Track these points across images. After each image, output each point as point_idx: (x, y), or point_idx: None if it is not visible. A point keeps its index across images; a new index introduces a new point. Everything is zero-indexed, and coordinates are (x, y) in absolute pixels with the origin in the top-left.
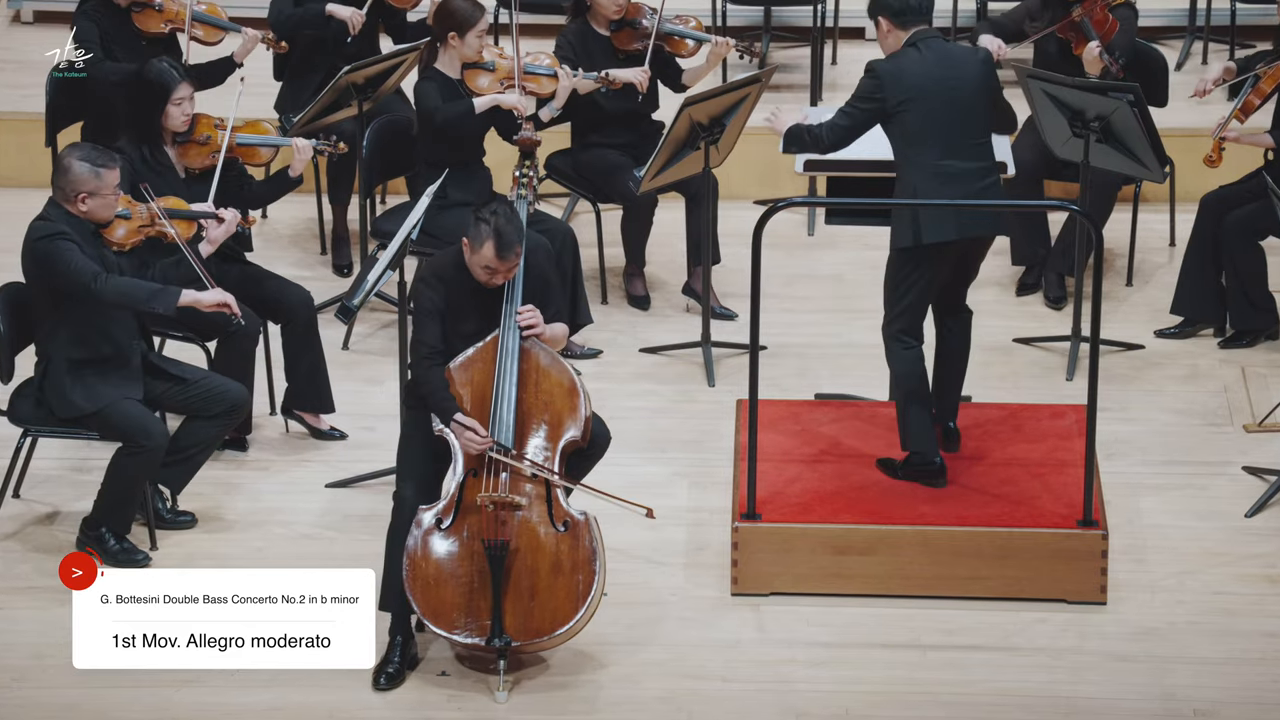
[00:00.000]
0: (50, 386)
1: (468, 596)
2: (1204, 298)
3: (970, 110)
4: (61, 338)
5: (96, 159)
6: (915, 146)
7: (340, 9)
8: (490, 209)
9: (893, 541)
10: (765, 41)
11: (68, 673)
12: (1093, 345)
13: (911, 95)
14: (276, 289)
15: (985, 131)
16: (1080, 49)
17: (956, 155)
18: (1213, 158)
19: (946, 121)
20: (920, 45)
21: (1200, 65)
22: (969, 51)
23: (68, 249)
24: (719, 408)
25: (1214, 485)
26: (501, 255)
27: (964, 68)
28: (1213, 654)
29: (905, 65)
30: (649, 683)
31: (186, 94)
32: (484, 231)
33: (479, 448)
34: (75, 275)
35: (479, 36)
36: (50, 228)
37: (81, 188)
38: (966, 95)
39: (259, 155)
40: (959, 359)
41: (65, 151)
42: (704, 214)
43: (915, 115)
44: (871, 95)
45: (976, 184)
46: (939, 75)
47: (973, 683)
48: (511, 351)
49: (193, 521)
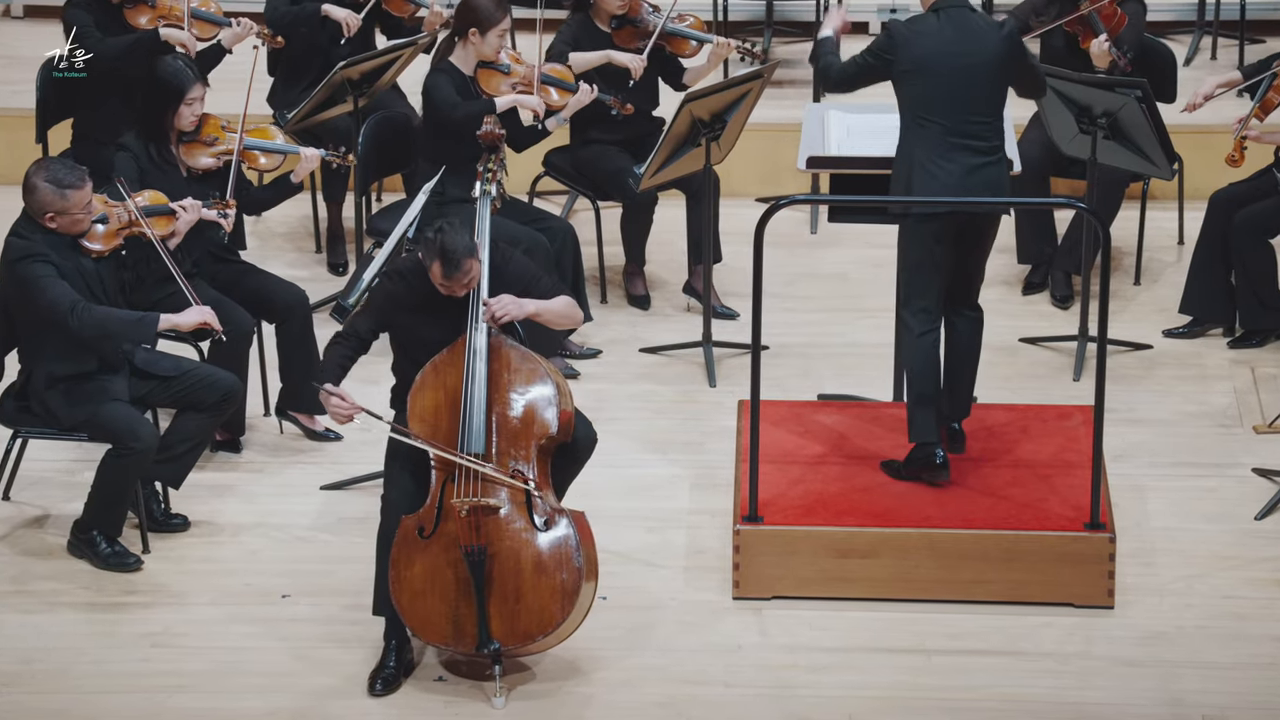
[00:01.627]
0: (34, 397)
1: (453, 605)
2: (1213, 297)
3: (981, 86)
4: (45, 354)
5: (63, 179)
6: (918, 116)
7: (335, 10)
8: (437, 225)
9: (897, 544)
10: (767, 36)
11: (58, 678)
12: (1100, 345)
13: (919, 64)
14: (270, 288)
15: (995, 109)
16: (1088, 43)
17: (961, 130)
18: (1235, 157)
19: (954, 95)
20: (943, 13)
21: (1209, 60)
22: (991, 25)
23: (45, 278)
24: (720, 408)
25: (1223, 487)
26: (448, 274)
27: (982, 41)
28: (1222, 659)
29: (921, 30)
30: (648, 688)
31: (199, 94)
32: (430, 250)
33: (340, 416)
34: (53, 308)
35: (500, 36)
36: (27, 248)
37: (48, 208)
38: (980, 70)
39: (268, 160)
40: (968, 358)
41: (32, 169)
42: (705, 212)
43: (921, 84)
44: (880, 52)
45: (977, 160)
46: (953, 47)
47: (978, 688)
48: (480, 352)
49: (185, 524)
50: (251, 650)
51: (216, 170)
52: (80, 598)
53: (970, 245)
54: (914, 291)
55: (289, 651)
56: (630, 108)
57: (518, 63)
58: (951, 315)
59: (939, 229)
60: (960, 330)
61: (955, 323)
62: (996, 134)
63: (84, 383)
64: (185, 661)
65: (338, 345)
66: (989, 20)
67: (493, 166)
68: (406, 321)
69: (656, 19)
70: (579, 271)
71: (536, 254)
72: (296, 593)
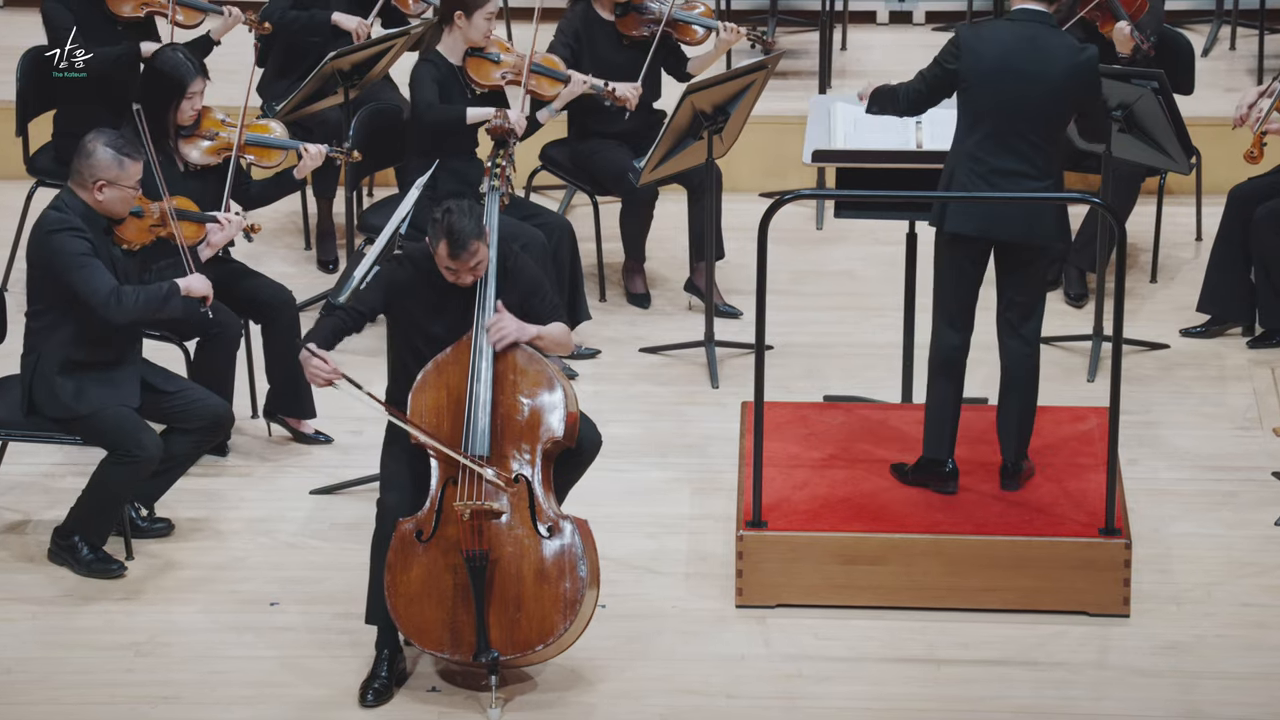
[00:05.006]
0: (40, 383)
1: (451, 611)
2: (1232, 295)
3: (1040, 107)
4: (60, 336)
5: (123, 147)
6: (969, 128)
7: (346, 19)
8: (445, 205)
9: (905, 551)
10: (771, 26)
11: (39, 687)
12: (1115, 345)
13: (984, 73)
14: (255, 287)
15: (1052, 133)
16: (1107, 28)
17: (1007, 150)
18: (1254, 153)
19: (1008, 112)
20: (1017, 21)
21: (1228, 51)
22: (1069, 48)
23: (82, 255)
24: (723, 410)
25: (1242, 491)
26: (454, 254)
27: (1053, 61)
28: (1241, 669)
29: (989, 37)
30: (649, 699)
31: (200, 88)
32: (437, 231)
33: (320, 379)
34: (91, 294)
35: (487, 19)
36: (64, 220)
37: (102, 175)
38: (1043, 90)
39: (269, 157)
40: (1018, 395)
41: (91, 135)
42: (707, 207)
43: (978, 95)
44: (946, 61)
45: (1014, 186)
46: (1021, 60)
47: (988, 699)
48: (485, 351)
49: (169, 530)
50: (239, 660)
51: (214, 166)
52: (62, 605)
53: (1009, 273)
54: (939, 299)
55: (278, 661)
56: (624, 98)
57: (507, 51)
58: (1002, 339)
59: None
60: (1012, 355)
61: (1007, 345)
62: (1046, 160)
63: (97, 377)
64: (170, 671)
65: (333, 314)
66: (1068, 41)
67: (501, 161)
68: (410, 308)
69: (663, 6)
70: (577, 269)
71: (534, 251)
72: (286, 600)
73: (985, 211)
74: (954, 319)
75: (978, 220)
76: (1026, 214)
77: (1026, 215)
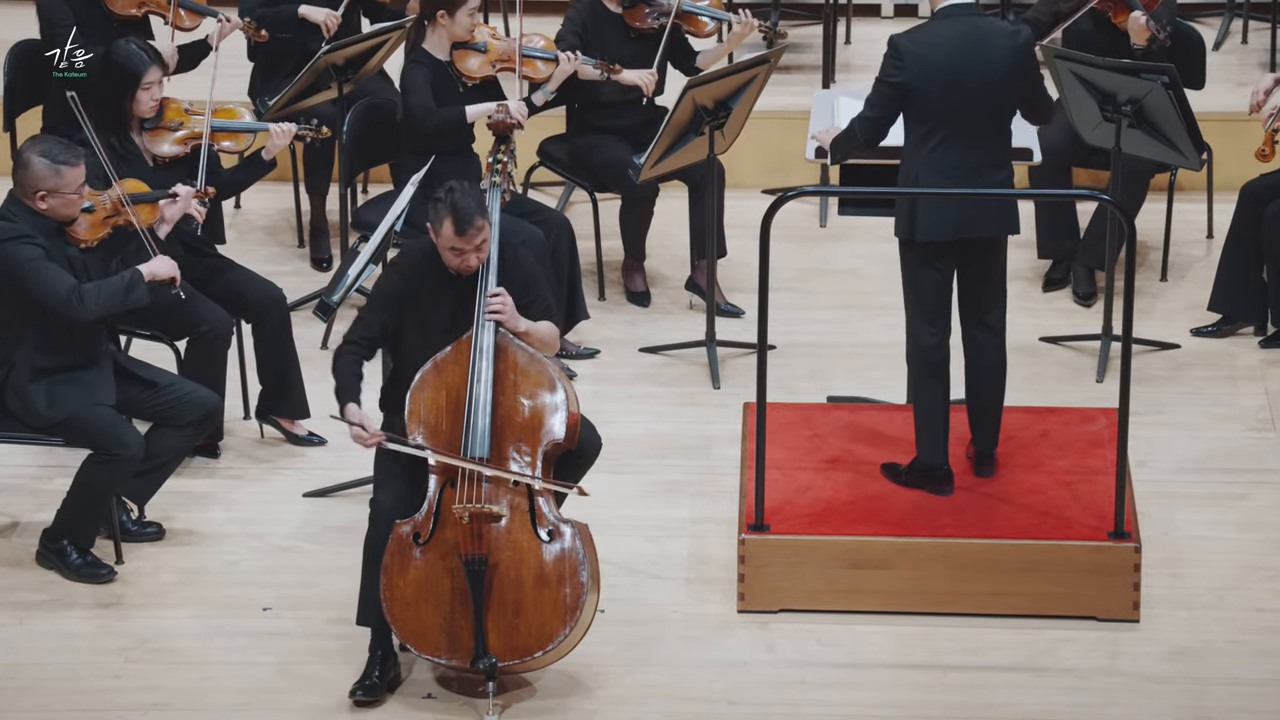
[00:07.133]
0: (13, 394)
1: (449, 616)
2: (1244, 293)
3: (991, 97)
4: (27, 344)
5: (58, 155)
6: (923, 131)
7: (313, 11)
8: (446, 186)
9: (911, 555)
10: (774, 18)
11: (26, 695)
12: (1125, 345)
13: (936, 77)
14: (245, 285)
15: (1004, 123)
16: (1120, 18)
17: (967, 146)
18: (1266, 151)
19: (961, 108)
20: (951, 19)
21: (1240, 45)
22: (1005, 33)
23: (35, 261)
24: (724, 411)
25: (1254, 494)
26: (461, 230)
27: (995, 49)
28: (1253, 675)
29: (930, 41)
30: (649, 706)
31: (156, 78)
32: (441, 210)
33: (366, 444)
34: (50, 297)
35: (470, 15)
36: (12, 229)
37: (40, 185)
38: (990, 81)
39: (238, 140)
40: (990, 382)
41: (25, 145)
42: (709, 204)
43: (929, 98)
44: (890, 76)
45: (983, 180)
46: (963, 56)
47: (996, 705)
48: (486, 351)
49: (160, 534)
50: (231, 665)
51: (184, 156)
52: (50, 610)
53: (980, 267)
54: (916, 319)
55: (271, 667)
56: (619, 68)
57: (495, 39)
58: (969, 330)
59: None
60: (979, 345)
61: (974, 337)
62: (1004, 147)
63: (69, 379)
64: (161, 678)
65: (345, 355)
66: (1000, 25)
67: (503, 157)
68: (411, 309)
69: None
70: (576, 267)
71: (532, 249)
72: (279, 605)
73: (958, 213)
74: (934, 318)
75: (953, 222)
76: (997, 209)
77: (998, 210)
